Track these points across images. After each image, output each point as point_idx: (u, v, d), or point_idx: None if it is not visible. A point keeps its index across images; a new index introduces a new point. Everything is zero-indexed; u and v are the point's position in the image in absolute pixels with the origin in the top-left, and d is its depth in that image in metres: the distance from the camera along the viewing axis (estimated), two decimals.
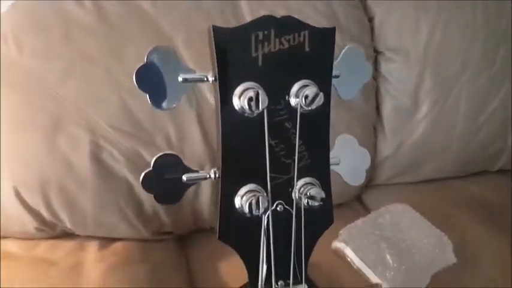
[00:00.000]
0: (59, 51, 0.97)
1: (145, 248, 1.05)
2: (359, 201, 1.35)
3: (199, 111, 1.02)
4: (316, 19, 1.14)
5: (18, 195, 0.95)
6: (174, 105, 0.46)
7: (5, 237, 1.01)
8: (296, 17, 0.47)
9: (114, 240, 1.04)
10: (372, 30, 1.27)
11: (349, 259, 1.07)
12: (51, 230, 1.01)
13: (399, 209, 1.18)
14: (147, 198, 1.02)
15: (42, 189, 0.95)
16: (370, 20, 1.27)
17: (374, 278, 1.02)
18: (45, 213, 0.97)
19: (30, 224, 0.98)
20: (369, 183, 1.38)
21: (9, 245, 1.00)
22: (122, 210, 1.00)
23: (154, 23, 1.01)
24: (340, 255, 1.08)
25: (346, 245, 1.08)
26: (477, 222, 1.21)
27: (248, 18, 1.08)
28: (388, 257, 1.04)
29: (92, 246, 1.02)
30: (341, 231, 1.11)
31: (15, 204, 0.96)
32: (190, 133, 1.02)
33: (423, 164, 1.36)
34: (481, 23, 1.28)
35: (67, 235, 1.03)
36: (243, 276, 0.53)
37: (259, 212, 0.47)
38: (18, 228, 1.00)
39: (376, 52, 1.29)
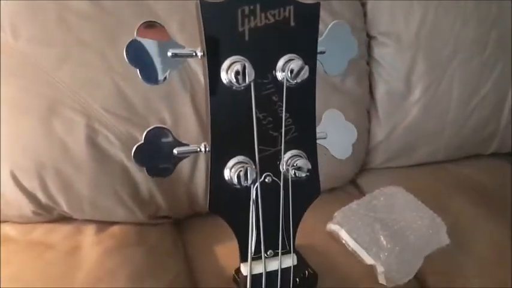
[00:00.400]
0: (55, 36, 0.97)
1: (142, 231, 1.06)
2: (354, 185, 1.36)
3: (193, 93, 1.02)
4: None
5: (15, 179, 0.96)
6: (164, 80, 0.47)
7: (3, 221, 1.02)
8: None
9: (111, 223, 1.05)
10: (365, 14, 1.28)
11: (343, 241, 1.08)
12: (48, 214, 1.02)
13: (393, 191, 1.19)
14: (142, 182, 1.03)
15: (39, 173, 0.96)
16: (363, 4, 1.28)
17: (368, 259, 1.03)
18: (41, 196, 0.98)
19: (27, 208, 0.99)
20: (363, 167, 1.39)
21: (7, 229, 1.01)
22: (118, 194, 1.01)
23: (149, 8, 1.01)
24: (334, 237, 1.09)
25: (340, 227, 1.09)
26: (470, 205, 1.22)
27: None
28: (382, 238, 1.05)
29: (89, 230, 1.03)
30: (335, 214, 1.12)
31: (13, 188, 0.97)
32: (184, 116, 1.02)
33: (417, 148, 1.37)
34: (472, 7, 1.29)
35: (64, 219, 1.04)
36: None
37: (247, 182, 0.48)
38: (16, 212, 1.01)
39: (369, 37, 1.30)
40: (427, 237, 1.08)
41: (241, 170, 0.47)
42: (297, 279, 0.91)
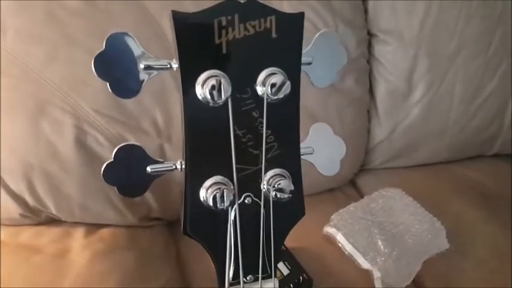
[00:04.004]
0: (43, 33, 0.94)
1: (133, 234, 1.04)
2: (352, 185, 1.35)
3: None
4: (308, 0, 1.12)
5: (1, 181, 0.94)
6: (138, 93, 0.44)
7: None
8: None
9: (101, 226, 1.03)
10: (366, 11, 1.24)
11: (340, 245, 1.06)
12: (37, 217, 1.00)
13: (392, 194, 1.18)
14: None
15: (26, 175, 0.94)
16: (364, 1, 1.24)
17: (365, 264, 1.01)
18: (29, 199, 0.96)
19: (14, 211, 0.97)
20: (363, 167, 1.37)
21: None
22: (108, 196, 0.99)
23: (141, 5, 0.99)
24: (331, 241, 1.08)
25: (337, 230, 1.07)
26: (471, 207, 1.20)
27: None
28: (379, 242, 1.04)
29: (78, 233, 1.01)
30: (332, 216, 1.11)
31: None
32: (177, 116, 0.99)
33: (417, 148, 1.35)
34: (477, 2, 1.26)
35: (53, 221, 1.02)
36: None
37: (224, 205, 0.45)
38: (3, 214, 0.98)
39: (370, 34, 1.26)
40: (425, 242, 1.07)
41: (217, 192, 0.44)
42: (291, 285, 0.90)
